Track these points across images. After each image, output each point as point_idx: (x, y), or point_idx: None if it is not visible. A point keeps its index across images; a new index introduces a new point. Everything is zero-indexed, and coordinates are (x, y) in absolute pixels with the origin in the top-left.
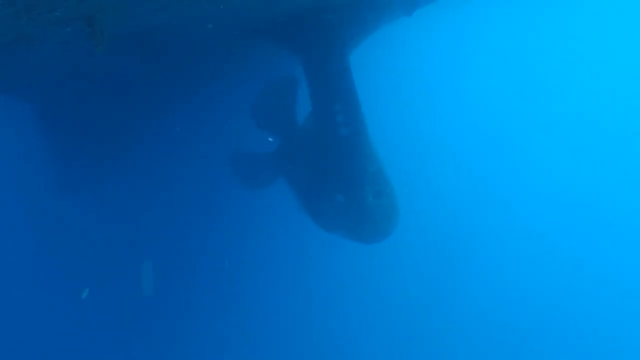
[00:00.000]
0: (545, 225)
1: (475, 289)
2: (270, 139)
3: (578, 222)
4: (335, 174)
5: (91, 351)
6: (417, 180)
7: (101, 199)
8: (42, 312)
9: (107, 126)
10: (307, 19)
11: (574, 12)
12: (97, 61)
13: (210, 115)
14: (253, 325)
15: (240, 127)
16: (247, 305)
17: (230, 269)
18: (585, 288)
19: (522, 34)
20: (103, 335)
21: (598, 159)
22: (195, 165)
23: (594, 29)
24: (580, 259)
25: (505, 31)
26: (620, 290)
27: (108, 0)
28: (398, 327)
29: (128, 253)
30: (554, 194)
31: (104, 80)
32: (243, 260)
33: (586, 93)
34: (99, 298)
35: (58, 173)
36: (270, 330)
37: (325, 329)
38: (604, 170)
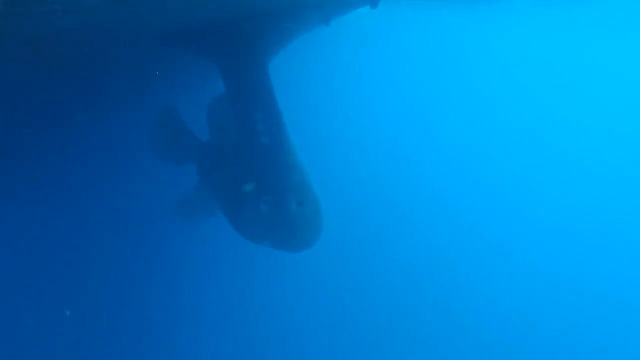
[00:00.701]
0: (465, 220)
1: (401, 291)
2: None
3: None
4: (258, 183)
5: None
6: (340, 188)
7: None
8: None
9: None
10: (225, 27)
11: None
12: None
13: (126, 125)
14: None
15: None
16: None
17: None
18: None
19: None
20: None
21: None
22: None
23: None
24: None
25: (422, 38)
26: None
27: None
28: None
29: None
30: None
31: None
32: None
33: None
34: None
35: None
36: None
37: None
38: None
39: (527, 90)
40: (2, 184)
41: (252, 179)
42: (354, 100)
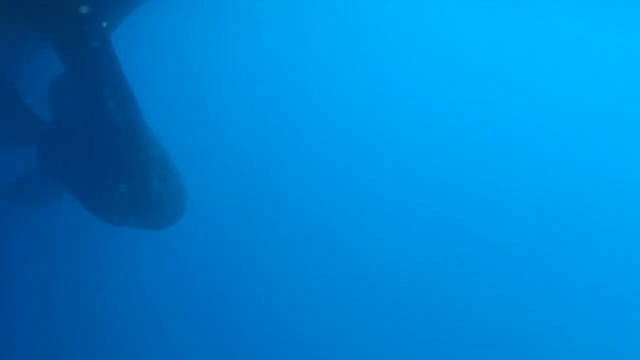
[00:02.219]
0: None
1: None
2: None
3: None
4: (115, 163)
5: None
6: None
7: None
8: None
9: None
10: None
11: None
12: None
13: None
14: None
15: None
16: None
17: None
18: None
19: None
20: None
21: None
22: None
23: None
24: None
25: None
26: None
27: None
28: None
29: None
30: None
31: None
32: None
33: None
34: None
35: None
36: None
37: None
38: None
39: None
40: None
41: (109, 160)
42: (205, 69)
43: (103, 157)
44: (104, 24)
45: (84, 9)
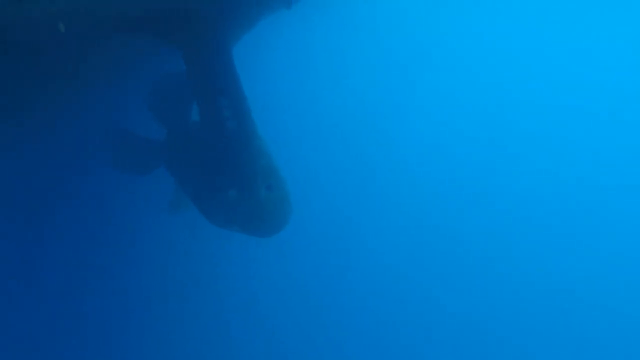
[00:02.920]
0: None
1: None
2: None
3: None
4: (226, 169)
5: None
6: (308, 174)
7: None
8: None
9: None
10: (185, 11)
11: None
12: None
13: (88, 115)
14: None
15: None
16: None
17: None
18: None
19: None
20: None
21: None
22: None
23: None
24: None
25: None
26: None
27: None
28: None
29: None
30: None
31: None
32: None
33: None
34: None
35: None
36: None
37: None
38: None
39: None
40: None
41: (221, 165)
42: (319, 85)
43: (216, 162)
44: (227, 38)
45: (206, 24)
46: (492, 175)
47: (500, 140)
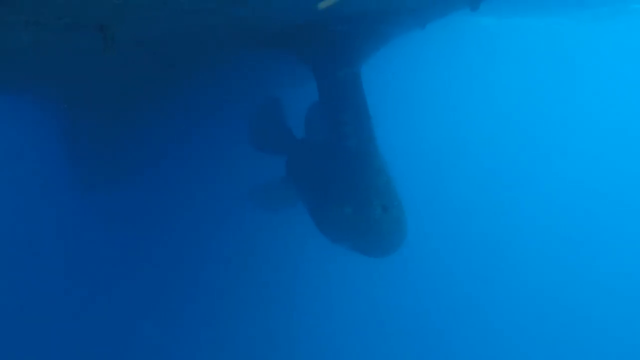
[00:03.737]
0: (556, 228)
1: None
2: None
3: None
4: (343, 185)
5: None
6: (426, 193)
7: (113, 199)
8: (55, 308)
9: (119, 129)
10: (318, 29)
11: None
12: (110, 67)
13: (219, 122)
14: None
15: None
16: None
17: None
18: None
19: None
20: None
21: None
22: (200, 169)
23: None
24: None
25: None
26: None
27: (119, 9)
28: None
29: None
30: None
31: (117, 86)
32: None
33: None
34: (104, 296)
35: (75, 171)
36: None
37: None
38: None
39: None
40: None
41: (338, 181)
42: (444, 107)
43: (334, 177)
44: (357, 58)
45: (340, 44)
46: None
47: None
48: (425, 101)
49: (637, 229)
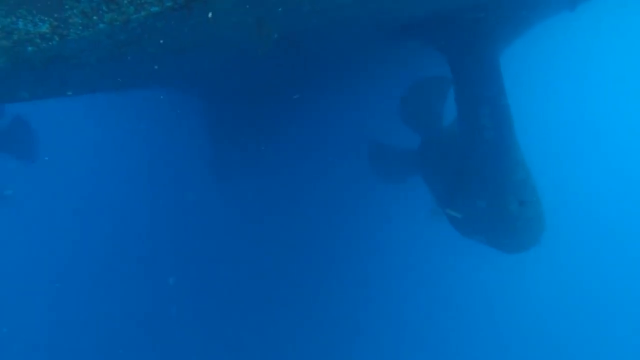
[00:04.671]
0: None
1: None
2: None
3: None
4: (478, 178)
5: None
6: (569, 190)
7: (252, 189)
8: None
9: (261, 121)
10: (457, 18)
11: None
12: (254, 63)
13: (357, 113)
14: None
15: (383, 125)
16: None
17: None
18: None
19: None
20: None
21: None
22: (339, 162)
23: None
24: None
25: None
26: None
27: (276, 5)
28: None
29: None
30: None
31: (260, 80)
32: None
33: None
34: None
35: (217, 162)
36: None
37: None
38: None
39: None
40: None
41: (472, 174)
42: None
43: (468, 170)
44: (495, 43)
45: (475, 30)
46: None
47: None
48: (573, 91)
49: None
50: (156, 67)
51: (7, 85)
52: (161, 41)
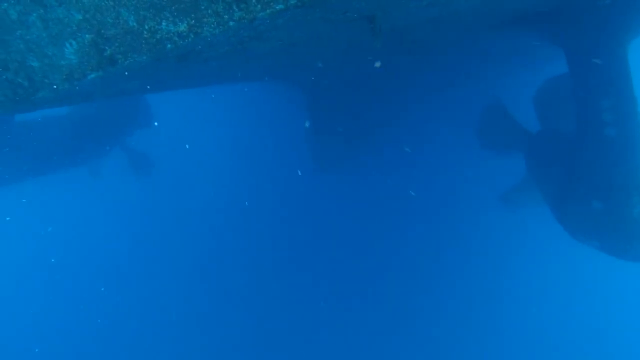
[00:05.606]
0: None
1: None
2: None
3: None
4: (594, 177)
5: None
6: None
7: (348, 181)
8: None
9: (360, 115)
10: (578, 4)
11: None
12: (363, 57)
13: (461, 111)
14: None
15: (491, 124)
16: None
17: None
18: None
19: None
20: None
21: None
22: (439, 157)
23: None
24: None
25: None
26: None
27: (389, 2)
28: None
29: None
30: None
31: (360, 73)
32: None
33: None
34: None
35: (316, 152)
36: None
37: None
38: None
39: None
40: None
41: (589, 172)
42: None
43: (584, 168)
44: (622, 35)
45: (592, 21)
46: None
47: None
48: None
49: None
50: (271, 61)
51: (147, 79)
52: (280, 36)
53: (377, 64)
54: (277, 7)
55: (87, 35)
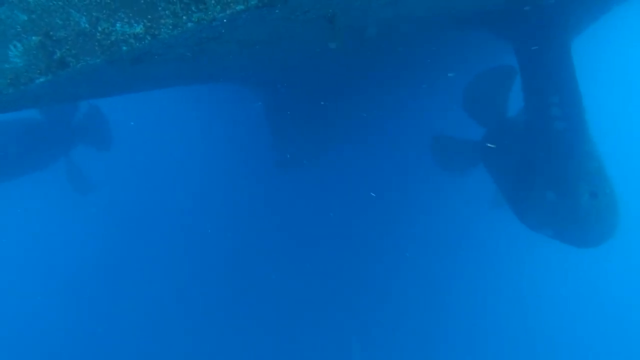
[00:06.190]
0: None
1: None
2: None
3: None
4: (547, 169)
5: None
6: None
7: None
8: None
9: (319, 112)
10: (525, 3)
11: None
12: (323, 57)
13: (417, 107)
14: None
15: (445, 118)
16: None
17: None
18: None
19: None
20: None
21: None
22: (399, 157)
23: None
24: None
25: None
26: None
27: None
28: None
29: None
30: None
31: (318, 73)
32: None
33: None
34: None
35: (276, 151)
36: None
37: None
38: None
39: None
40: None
41: (541, 164)
42: None
43: (537, 160)
44: (566, 33)
45: (543, 17)
46: None
47: None
48: None
49: None
50: (229, 62)
51: (100, 82)
52: (239, 37)
53: None
54: (237, 8)
55: (33, 37)
